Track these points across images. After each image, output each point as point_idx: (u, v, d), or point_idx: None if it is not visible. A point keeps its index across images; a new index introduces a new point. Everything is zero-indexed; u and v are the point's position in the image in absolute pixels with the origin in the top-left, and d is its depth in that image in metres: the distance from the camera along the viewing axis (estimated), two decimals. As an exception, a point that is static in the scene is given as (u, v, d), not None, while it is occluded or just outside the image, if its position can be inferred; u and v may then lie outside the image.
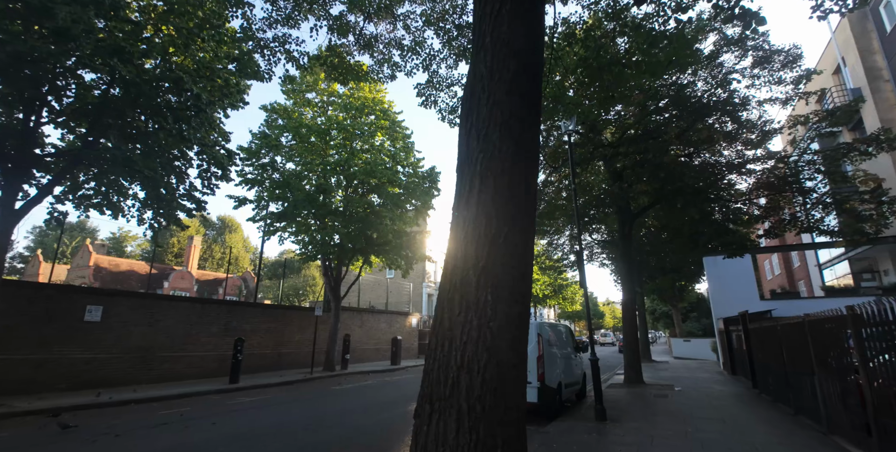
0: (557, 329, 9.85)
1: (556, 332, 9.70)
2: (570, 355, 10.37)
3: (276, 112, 16.86)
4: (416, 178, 18.95)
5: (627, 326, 13.28)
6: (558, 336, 9.75)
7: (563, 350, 9.88)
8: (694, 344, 29.72)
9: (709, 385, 13.41)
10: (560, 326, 10.48)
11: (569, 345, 10.51)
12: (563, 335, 10.31)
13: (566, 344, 10.30)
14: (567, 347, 10.31)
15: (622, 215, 13.70)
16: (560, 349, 9.68)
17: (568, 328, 11.11)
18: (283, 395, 11.66)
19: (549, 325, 9.48)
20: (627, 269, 13.62)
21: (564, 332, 10.46)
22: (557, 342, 9.58)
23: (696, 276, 29.62)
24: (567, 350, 10.24)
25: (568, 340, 10.59)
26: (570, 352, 10.42)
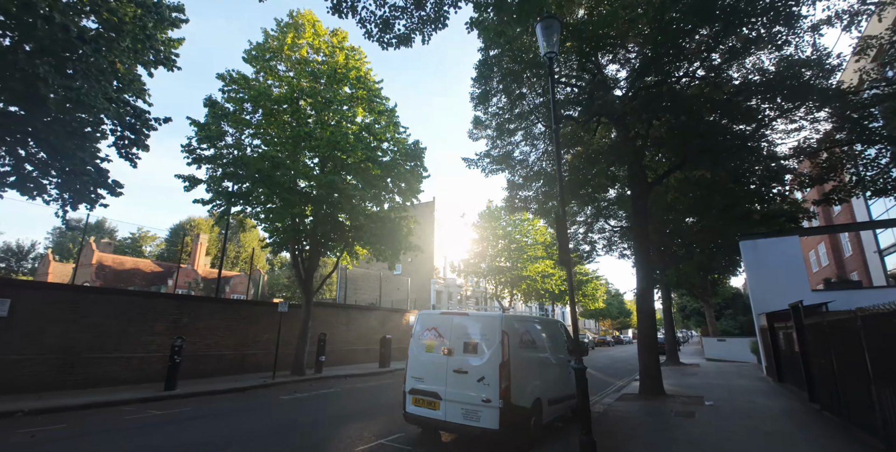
0: (534, 326, 7.33)
1: (534, 329, 7.18)
2: (562, 360, 7.84)
3: (236, 82, 14.82)
4: (400, 156, 16.62)
5: (644, 321, 10.60)
6: (538, 335, 7.23)
7: (547, 354, 7.35)
8: (729, 344, 26.38)
9: (750, 398, 10.56)
10: (544, 321, 7.94)
11: (558, 347, 7.96)
12: (549, 333, 7.77)
13: (555, 346, 7.77)
14: (556, 350, 7.78)
15: (635, 186, 11.00)
16: (541, 353, 7.16)
17: (559, 324, 8.54)
18: (213, 406, 9.53)
19: (520, 319, 6.99)
20: (643, 252, 10.92)
21: (550, 329, 7.91)
22: (537, 342, 7.07)
23: (730, 268, 26.23)
24: (557, 355, 7.71)
25: (557, 340, 8.04)
26: (561, 357, 7.88)
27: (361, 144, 14.98)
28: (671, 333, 21.97)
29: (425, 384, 6.38)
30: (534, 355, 6.83)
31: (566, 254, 5.96)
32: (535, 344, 6.97)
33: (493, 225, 34.50)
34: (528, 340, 6.74)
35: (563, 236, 6.08)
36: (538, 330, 7.32)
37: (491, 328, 6.20)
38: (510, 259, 33.32)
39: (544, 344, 7.37)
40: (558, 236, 6.08)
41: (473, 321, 6.47)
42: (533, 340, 6.91)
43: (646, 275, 10.77)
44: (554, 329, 8.05)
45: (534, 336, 6.97)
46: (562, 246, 6.01)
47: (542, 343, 7.25)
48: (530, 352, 6.72)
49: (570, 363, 8.21)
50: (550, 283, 34.36)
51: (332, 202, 13.29)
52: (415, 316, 27.58)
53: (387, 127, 16.28)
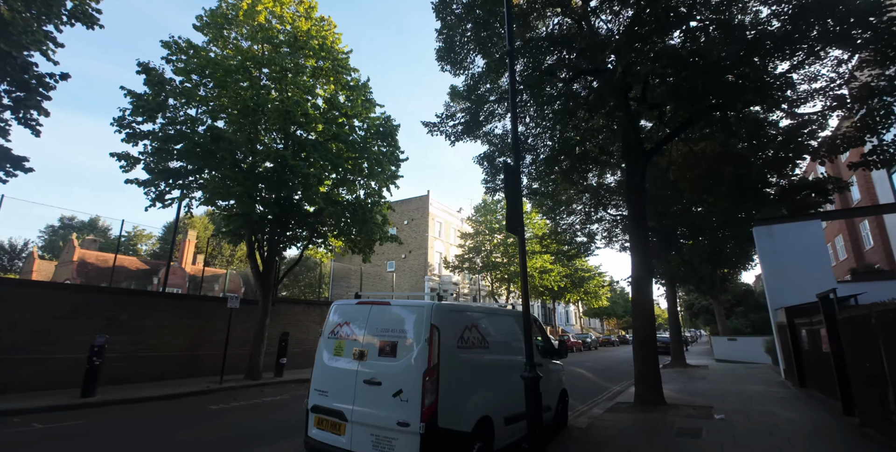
0: (486, 319, 5.57)
1: (485, 323, 5.44)
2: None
3: (183, 51, 13.22)
4: (371, 135, 14.97)
5: (640, 315, 8.84)
6: (491, 332, 5.50)
7: (503, 357, 5.64)
8: (741, 344, 24.44)
9: (769, 408, 8.77)
10: (500, 313, 6.18)
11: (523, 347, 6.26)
12: (508, 329, 6.03)
13: (517, 346, 6.06)
14: (519, 350, 6.08)
15: (630, 156, 9.24)
16: (494, 355, 5.44)
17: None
18: (119, 418, 7.91)
19: (462, 309, 5.24)
20: (639, 234, 9.16)
21: (508, 325, 6.14)
22: (488, 341, 5.35)
23: (741, 261, 24.29)
24: (519, 357, 6.01)
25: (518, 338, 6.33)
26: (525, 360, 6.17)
27: (323, 118, 13.34)
28: (676, 332, 20.13)
29: (330, 400, 4.71)
30: (482, 358, 5.12)
31: (517, 218, 4.27)
32: (486, 344, 5.26)
33: (489, 219, 32.78)
34: (474, 338, 5.03)
35: (515, 195, 4.39)
36: (492, 325, 5.59)
37: (416, 322, 4.52)
38: (507, 254, 31.56)
39: (500, 344, 5.66)
40: (507, 194, 4.39)
41: (396, 312, 4.79)
42: (482, 338, 5.19)
43: (642, 261, 9.00)
44: (513, 324, 6.32)
45: (483, 333, 5.25)
46: (512, 208, 4.31)
47: (496, 343, 5.53)
48: (476, 354, 5.01)
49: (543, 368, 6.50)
50: (549, 279, 32.54)
51: (285, 182, 11.63)
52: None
53: (356, 102, 14.61)
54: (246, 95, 12.12)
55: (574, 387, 12.64)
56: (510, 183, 4.40)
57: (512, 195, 4.41)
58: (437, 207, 40.22)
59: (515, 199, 4.43)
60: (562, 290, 38.50)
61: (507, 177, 4.42)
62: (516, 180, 4.42)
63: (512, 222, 4.37)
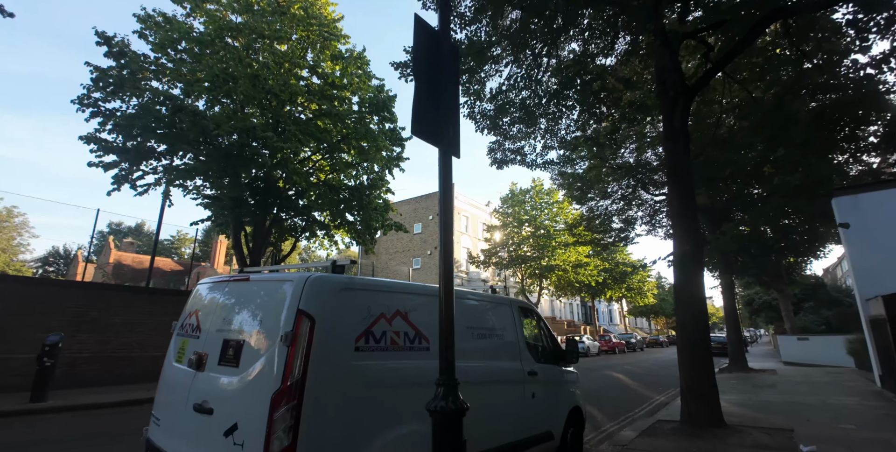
0: (412, 304, 3.38)
1: (415, 310, 3.36)
2: (515, 376, 4.15)
3: (158, 26, 12.05)
4: (367, 109, 13.31)
5: (686, 307, 6.57)
6: (430, 325, 3.49)
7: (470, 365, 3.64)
8: (814, 344, 20.97)
9: (876, 432, 6.26)
10: (467, 298, 4.16)
11: (508, 350, 4.26)
12: (477, 322, 4.04)
13: (498, 348, 4.08)
14: (500, 354, 4.11)
15: (667, 92, 6.98)
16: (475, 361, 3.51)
17: (520, 309, 4.75)
18: (49, 428, 6.56)
19: (364, 286, 3.12)
20: (682, 194, 6.89)
21: (486, 314, 4.17)
22: (429, 338, 3.35)
23: (812, 246, 20.80)
24: (499, 364, 4.04)
25: (508, 337, 4.33)
26: (514, 368, 4.18)
27: (306, 89, 11.79)
28: (736, 330, 17.19)
29: (160, 432, 2.96)
30: (413, 369, 3.16)
31: (429, 116, 2.33)
32: (425, 344, 3.30)
33: (517, 210, 30.48)
34: (396, 335, 3.09)
35: (434, 72, 2.44)
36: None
37: (273, 307, 2.68)
38: (536, 247, 29.13)
39: (470, 343, 3.73)
40: (416, 69, 2.44)
41: (254, 292, 2.97)
42: (416, 335, 3.24)
43: (687, 232, 6.72)
44: (499, 317, 4.32)
45: (421, 327, 3.30)
46: (421, 97, 2.37)
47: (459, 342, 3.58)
48: (399, 363, 3.06)
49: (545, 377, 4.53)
50: (585, 274, 29.80)
51: (253, 158, 10.11)
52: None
53: (347, 72, 12.96)
54: (218, 67, 10.74)
55: (605, 397, 10.41)
56: (423, 49, 2.47)
57: (428, 71, 2.49)
58: (462, 200, 38.28)
59: (437, 79, 2.52)
60: (600, 286, 35.45)
61: (417, 38, 2.49)
62: (435, 47, 2.50)
63: (415, 126, 2.47)
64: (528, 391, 4.26)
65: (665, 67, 6.95)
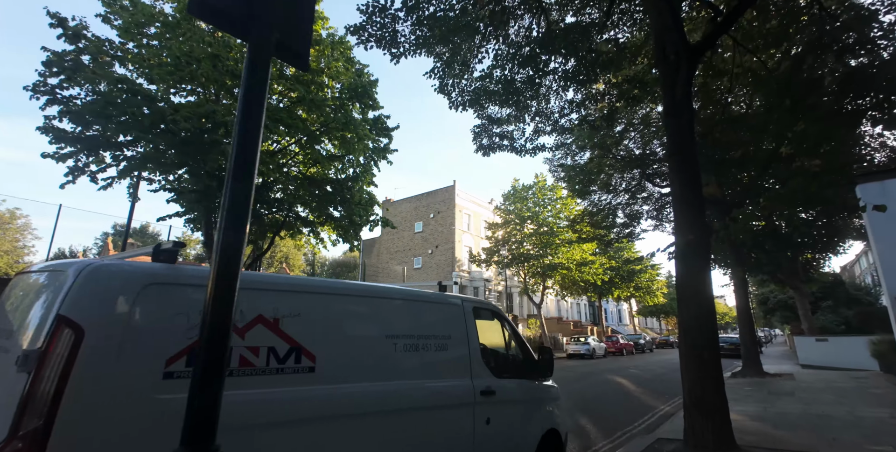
0: (288, 305, 2.40)
1: (293, 315, 2.39)
2: (459, 396, 3.23)
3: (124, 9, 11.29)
4: (347, 96, 12.45)
5: (689, 304, 5.58)
6: (319, 336, 2.51)
7: (373, 387, 2.68)
8: (834, 346, 19.66)
9: (924, 457, 5.22)
10: (386, 296, 3.19)
11: (456, 363, 3.33)
12: (403, 327, 3.10)
13: (429, 362, 3.15)
14: (437, 369, 3.19)
15: (667, 57, 5.99)
16: (349, 385, 2.54)
17: (470, 305, 3.80)
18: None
19: (185, 279, 2.15)
20: (685, 176, 5.90)
21: (416, 317, 3.23)
22: (316, 355, 2.41)
23: (831, 241, 19.54)
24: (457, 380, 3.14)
25: (458, 341, 3.39)
26: (460, 386, 3.26)
27: (280, 74, 10.95)
28: (750, 331, 16.03)
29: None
30: (289, 397, 2.22)
31: None
32: (307, 364, 2.35)
33: (519, 207, 29.44)
34: (261, 352, 2.16)
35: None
36: (351, 320, 2.70)
37: (31, 314, 1.79)
38: (539, 245, 28.07)
39: (390, 357, 2.82)
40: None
41: (29, 288, 2.07)
42: (295, 351, 2.30)
43: (692, 219, 5.73)
44: (442, 322, 3.36)
45: (306, 340, 2.35)
46: None
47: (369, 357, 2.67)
48: (261, 392, 2.12)
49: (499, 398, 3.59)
50: (589, 272, 28.65)
51: (223, 150, 9.26)
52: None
53: (323, 54, 12.10)
54: (180, 49, 9.95)
55: (602, 406, 9.37)
56: None
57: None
58: (464, 198, 37.35)
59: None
60: (607, 285, 34.21)
61: None
62: None
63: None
64: (480, 415, 3.32)
65: (665, 27, 5.96)
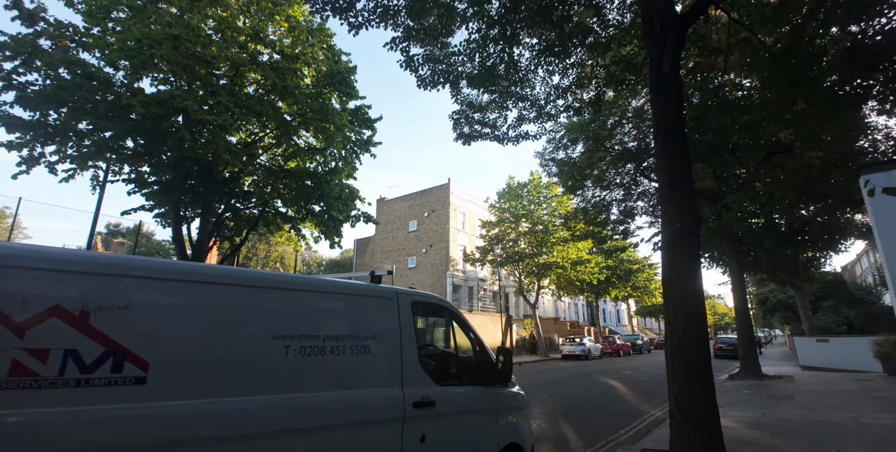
0: (111, 293, 1.84)
1: (122, 306, 1.82)
2: (396, 406, 2.65)
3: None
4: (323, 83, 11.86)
5: (676, 301, 4.99)
6: (158, 332, 1.94)
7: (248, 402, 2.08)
8: (835, 347, 19.07)
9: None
10: (292, 284, 2.63)
11: (396, 363, 2.75)
12: (319, 318, 2.55)
13: (364, 361, 2.58)
14: (380, 375, 2.62)
15: (653, 29, 5.42)
16: (210, 399, 1.96)
17: (409, 299, 3.19)
18: None
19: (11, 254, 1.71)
20: (673, 162, 5.32)
21: (334, 309, 2.67)
22: (146, 360, 1.80)
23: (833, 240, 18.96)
24: (380, 390, 2.58)
25: (388, 342, 2.80)
26: (399, 395, 2.68)
27: (251, 59, 10.36)
28: (748, 331, 15.43)
29: None
30: (98, 417, 1.62)
31: None
32: (134, 373, 1.76)
33: (514, 205, 28.84)
34: (52, 356, 1.57)
35: None
36: (213, 316, 2.10)
37: None
38: (534, 243, 27.48)
39: (278, 364, 2.24)
40: None
41: None
42: (115, 356, 1.70)
43: (679, 208, 5.15)
44: (365, 319, 2.77)
45: (132, 342, 1.75)
46: None
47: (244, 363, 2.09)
48: (52, 412, 1.53)
49: (440, 409, 3.01)
50: (585, 271, 28.05)
51: (181, 138, 8.63)
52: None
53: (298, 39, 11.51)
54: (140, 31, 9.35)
55: (590, 411, 8.68)
56: None
57: None
58: (459, 196, 36.75)
59: None
60: (602, 284, 33.61)
61: None
62: None
63: None
64: (412, 432, 2.73)
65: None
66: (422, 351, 3.12)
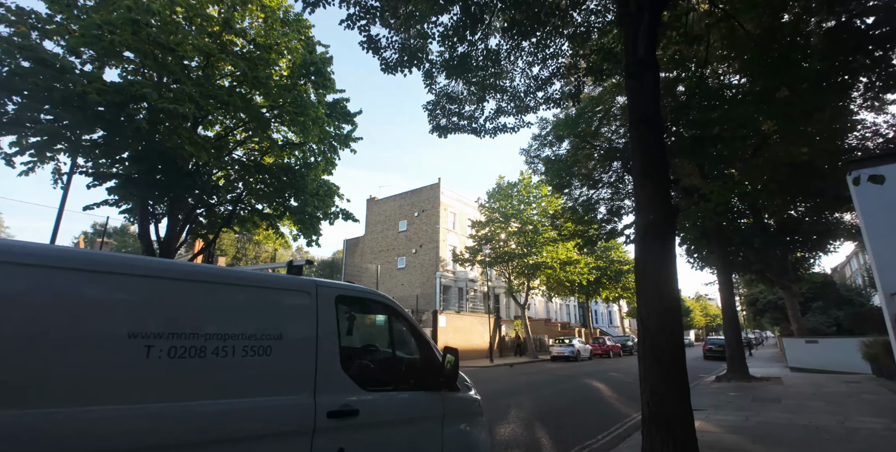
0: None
1: None
2: (305, 418, 2.27)
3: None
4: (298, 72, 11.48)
5: (649, 294, 4.63)
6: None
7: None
8: (824, 348, 18.89)
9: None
10: (169, 272, 2.24)
11: (309, 367, 2.37)
12: (208, 314, 2.18)
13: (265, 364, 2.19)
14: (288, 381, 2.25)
15: (628, 8, 5.09)
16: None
17: (333, 292, 2.80)
18: None
19: None
20: (648, 150, 4.99)
21: (231, 302, 2.30)
22: None
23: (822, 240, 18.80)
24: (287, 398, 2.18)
25: (300, 342, 2.42)
26: (310, 404, 2.30)
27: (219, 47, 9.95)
28: (735, 331, 15.16)
29: None
30: None
31: None
32: None
33: (503, 204, 28.53)
34: None
35: None
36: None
37: None
38: (523, 243, 27.17)
39: (138, 368, 1.85)
40: None
41: None
42: None
43: (653, 198, 4.81)
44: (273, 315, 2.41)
45: None
46: None
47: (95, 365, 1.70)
48: None
49: (364, 419, 2.63)
50: (574, 272, 27.76)
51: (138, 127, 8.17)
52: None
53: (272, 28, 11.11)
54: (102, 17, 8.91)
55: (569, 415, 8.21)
56: None
57: None
58: (449, 196, 36.39)
59: None
60: (592, 285, 33.36)
61: None
62: None
63: None
64: (325, 447, 2.34)
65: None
66: (347, 353, 2.74)
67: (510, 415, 8.26)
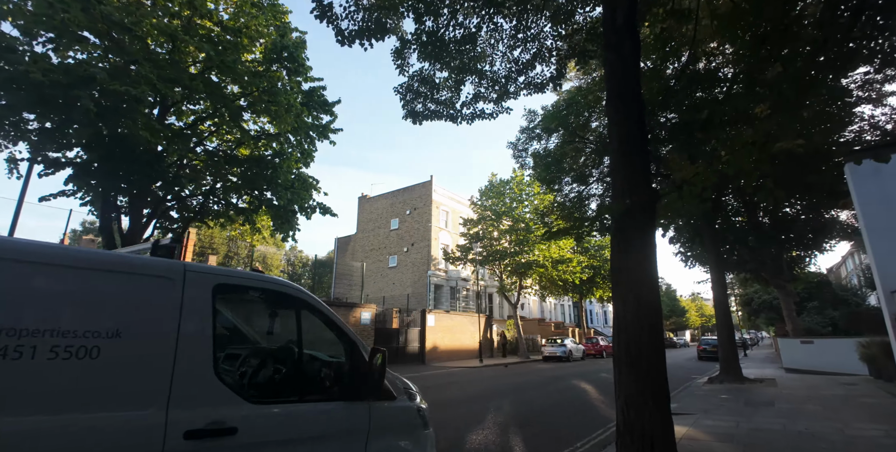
0: None
1: None
2: (153, 439, 1.71)
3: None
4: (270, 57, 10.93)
5: (626, 287, 4.14)
6: None
7: None
8: (820, 348, 18.46)
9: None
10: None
11: (164, 375, 1.83)
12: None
13: (86, 372, 1.66)
14: (124, 393, 1.70)
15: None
16: None
17: (211, 281, 2.26)
18: None
19: None
20: (626, 130, 4.48)
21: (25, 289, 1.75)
22: None
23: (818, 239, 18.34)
24: (113, 414, 1.63)
25: (156, 343, 1.88)
26: (160, 422, 1.76)
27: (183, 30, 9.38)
28: (728, 331, 14.67)
29: None
30: None
31: None
32: None
33: (496, 202, 28.01)
34: None
35: None
36: None
37: None
38: (515, 241, 26.66)
39: None
40: None
41: None
42: None
43: (632, 181, 4.29)
44: (107, 308, 1.87)
45: None
46: None
47: None
48: None
49: (244, 438, 2.05)
50: (566, 270, 27.25)
51: (85, 108, 7.60)
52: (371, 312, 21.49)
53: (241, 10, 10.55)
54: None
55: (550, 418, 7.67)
56: None
57: None
58: (441, 194, 35.84)
59: None
60: (585, 284, 32.86)
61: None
62: None
63: None
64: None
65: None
66: (230, 356, 2.21)
67: (486, 420, 7.73)
